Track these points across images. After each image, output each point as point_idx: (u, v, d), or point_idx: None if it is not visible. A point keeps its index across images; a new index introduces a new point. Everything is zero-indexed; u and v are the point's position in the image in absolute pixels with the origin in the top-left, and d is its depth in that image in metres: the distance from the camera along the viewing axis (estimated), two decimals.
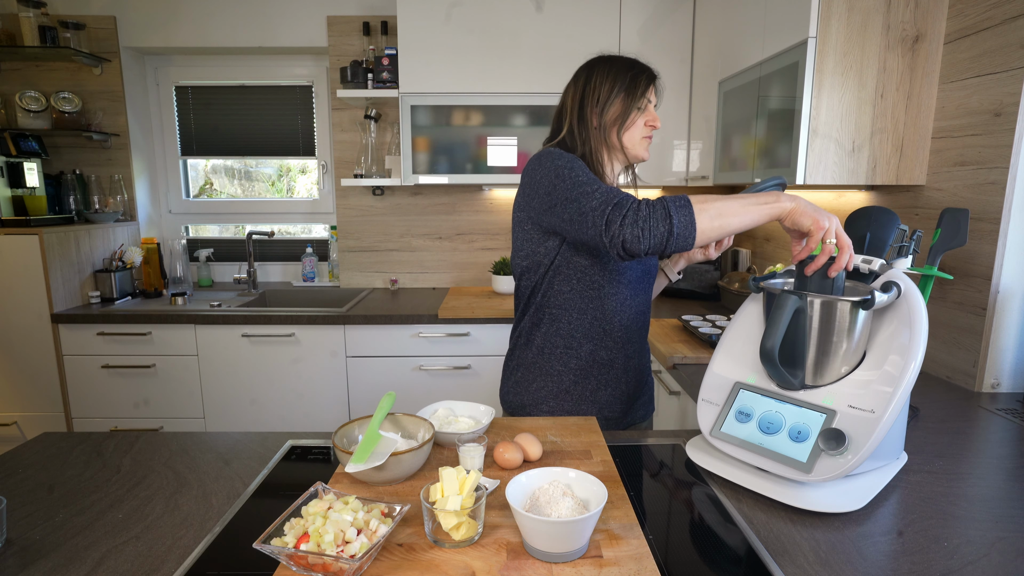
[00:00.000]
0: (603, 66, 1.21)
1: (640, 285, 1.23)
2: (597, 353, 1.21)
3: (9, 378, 2.32)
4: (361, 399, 2.36)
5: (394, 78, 2.46)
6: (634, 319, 1.23)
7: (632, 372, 1.25)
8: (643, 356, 1.30)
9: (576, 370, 1.21)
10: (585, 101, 1.20)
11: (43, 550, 0.73)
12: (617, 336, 1.21)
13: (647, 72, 1.23)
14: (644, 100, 1.20)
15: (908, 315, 0.83)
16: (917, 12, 1.43)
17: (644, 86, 1.21)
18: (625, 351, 1.23)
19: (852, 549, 0.74)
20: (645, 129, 1.22)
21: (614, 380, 1.23)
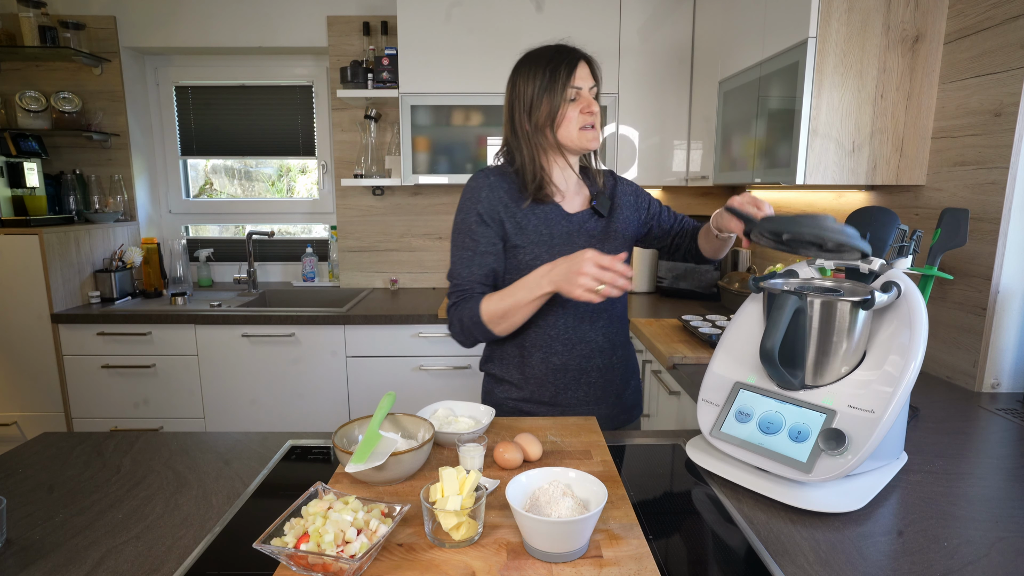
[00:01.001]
0: (525, 66, 1.16)
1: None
2: (549, 359, 1.20)
3: (9, 378, 2.32)
4: (361, 399, 2.36)
5: (394, 78, 2.46)
6: (581, 322, 1.19)
7: (595, 374, 1.22)
8: (607, 357, 1.24)
9: (533, 377, 1.21)
10: (514, 108, 1.16)
11: (43, 550, 0.73)
12: (565, 340, 1.19)
13: (568, 58, 1.13)
14: (570, 90, 1.12)
15: (908, 315, 0.83)
16: (917, 12, 1.43)
17: (565, 75, 1.12)
18: (579, 354, 1.20)
19: (852, 549, 0.74)
20: (581, 118, 1.14)
21: (572, 384, 1.21)
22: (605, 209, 1.22)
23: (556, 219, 1.18)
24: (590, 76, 1.15)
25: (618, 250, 1.22)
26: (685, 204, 2.84)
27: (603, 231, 1.22)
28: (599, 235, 1.21)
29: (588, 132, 1.15)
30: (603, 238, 1.22)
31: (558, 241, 1.17)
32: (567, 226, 1.19)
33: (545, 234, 1.17)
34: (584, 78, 1.14)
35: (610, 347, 1.24)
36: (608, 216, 1.23)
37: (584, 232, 1.20)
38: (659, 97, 2.41)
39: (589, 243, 1.19)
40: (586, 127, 1.15)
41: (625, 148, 2.45)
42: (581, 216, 1.21)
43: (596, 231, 1.21)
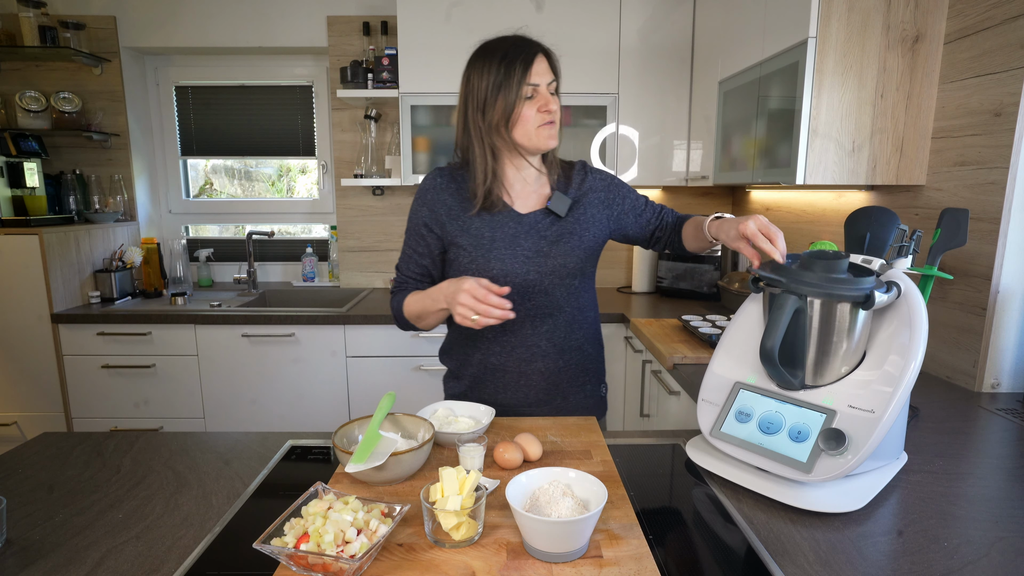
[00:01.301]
0: (479, 60, 1.09)
1: (526, 292, 1.15)
2: (487, 359, 1.20)
3: (9, 378, 2.32)
4: (361, 399, 2.36)
5: (394, 78, 2.46)
6: (522, 326, 1.17)
7: (536, 377, 1.20)
8: (551, 361, 1.20)
9: (472, 375, 1.22)
10: (467, 105, 1.10)
11: (43, 550, 0.73)
12: (504, 342, 1.18)
13: (524, 52, 1.07)
14: (526, 87, 1.06)
15: (908, 315, 0.83)
16: (917, 12, 1.43)
17: (521, 71, 1.06)
18: (519, 357, 1.19)
19: (852, 549, 0.74)
20: (539, 116, 1.09)
21: (512, 385, 1.20)
22: (562, 209, 1.16)
23: (503, 221, 1.15)
24: (549, 71, 1.09)
25: (572, 251, 1.16)
26: (685, 204, 2.84)
27: (557, 232, 1.16)
28: (551, 236, 1.16)
29: (546, 130, 1.10)
30: (555, 239, 1.16)
31: (500, 244, 1.13)
32: (514, 228, 1.15)
33: (487, 237, 1.14)
34: (542, 73, 1.08)
35: (555, 351, 1.20)
36: (567, 216, 1.18)
37: (534, 234, 1.15)
38: (659, 97, 2.41)
39: (538, 245, 1.15)
40: (544, 125, 1.10)
41: (625, 148, 2.45)
42: (533, 217, 1.16)
43: (548, 232, 1.16)
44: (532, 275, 1.14)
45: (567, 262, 1.16)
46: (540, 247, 1.15)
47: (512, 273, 1.13)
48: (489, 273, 1.13)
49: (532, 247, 1.15)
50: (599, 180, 1.24)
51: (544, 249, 1.15)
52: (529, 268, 1.14)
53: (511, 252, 1.13)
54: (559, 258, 1.15)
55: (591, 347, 1.27)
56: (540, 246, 1.15)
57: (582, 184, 1.22)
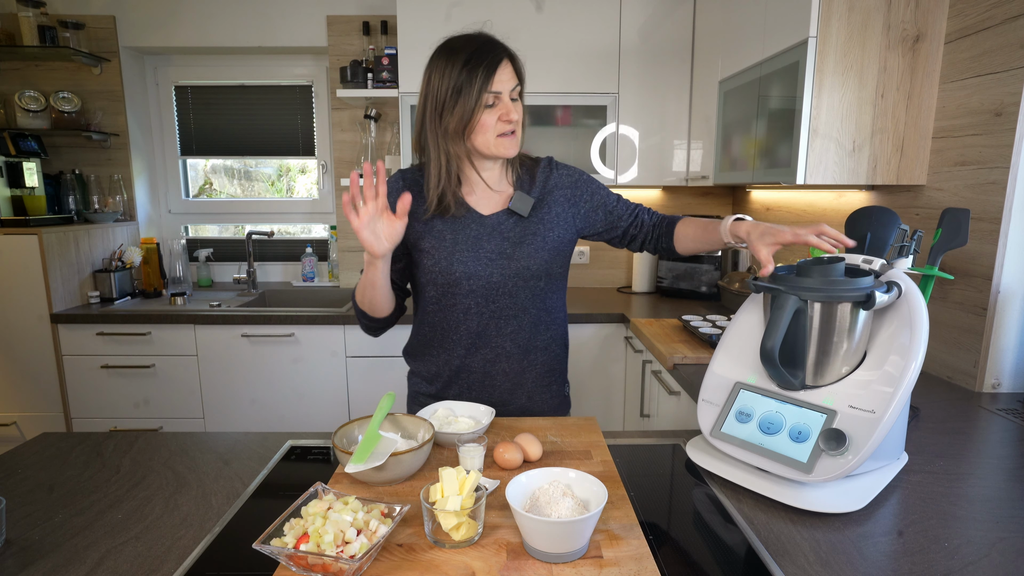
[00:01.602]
0: (441, 59, 1.06)
1: (489, 294, 1.14)
2: (451, 361, 1.20)
3: (9, 378, 2.32)
4: (361, 399, 2.36)
5: (394, 78, 2.46)
6: (487, 327, 1.16)
7: (500, 378, 1.19)
8: (515, 362, 1.19)
9: (437, 376, 1.22)
10: (426, 106, 1.08)
11: (42, 550, 0.73)
12: (468, 344, 1.17)
13: (488, 58, 1.04)
14: (487, 95, 1.03)
15: (909, 315, 0.83)
16: (917, 12, 1.42)
17: (483, 78, 1.03)
18: (483, 358, 1.18)
19: (852, 549, 0.74)
20: (499, 125, 1.06)
21: (476, 385, 1.20)
22: (524, 209, 1.14)
23: (465, 223, 1.14)
24: (512, 76, 1.07)
25: (536, 252, 1.14)
26: (685, 204, 2.84)
27: (520, 233, 1.15)
28: (514, 237, 1.14)
29: (506, 140, 1.08)
30: (518, 240, 1.14)
31: (462, 246, 1.13)
32: (477, 230, 1.14)
33: (449, 239, 1.13)
34: (505, 81, 1.05)
35: (520, 353, 1.19)
36: (530, 215, 1.16)
37: (496, 235, 1.14)
38: (659, 97, 2.41)
39: (501, 247, 1.13)
40: (504, 134, 1.07)
41: (625, 148, 2.45)
42: (496, 218, 1.15)
43: (511, 233, 1.14)
44: (496, 277, 1.13)
45: (531, 264, 1.14)
46: (503, 249, 1.14)
47: (475, 275, 1.13)
48: (452, 276, 1.13)
49: (495, 249, 1.13)
50: (565, 177, 1.21)
51: (507, 251, 1.14)
52: (492, 270, 1.13)
53: (474, 255, 1.12)
54: (522, 260, 1.14)
55: (557, 347, 1.25)
56: (503, 248, 1.14)
57: (547, 182, 1.19)
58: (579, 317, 2.23)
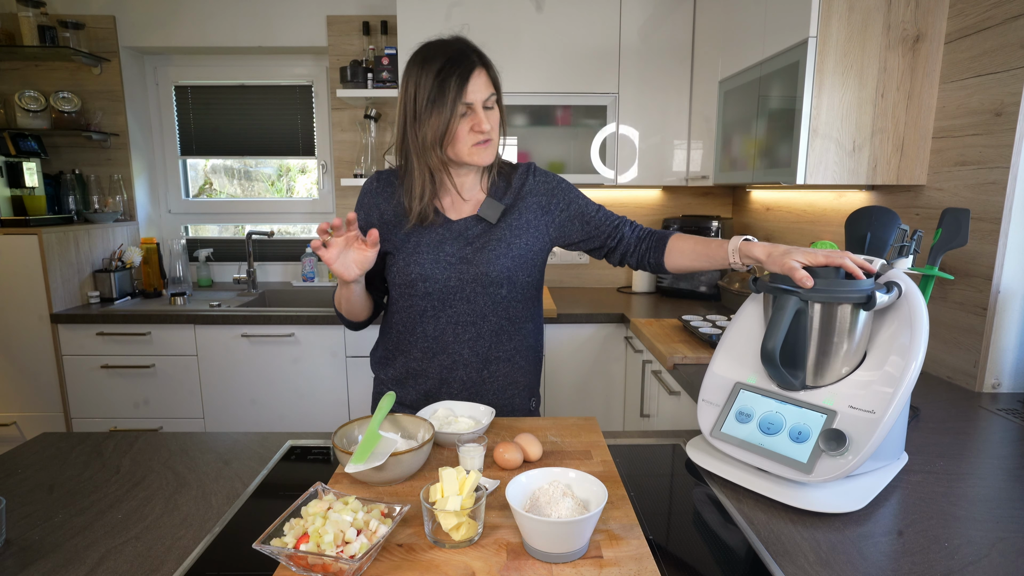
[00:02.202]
0: (415, 67, 1.06)
1: (446, 298, 1.14)
2: (409, 364, 1.19)
3: (8, 378, 2.32)
4: (361, 399, 2.36)
5: (394, 78, 2.46)
6: (444, 333, 1.15)
7: (456, 385, 1.18)
8: (473, 371, 1.18)
9: (396, 379, 1.22)
10: (405, 114, 1.07)
11: (42, 550, 0.73)
12: (425, 348, 1.17)
13: (460, 68, 1.03)
14: (460, 106, 1.03)
15: (909, 315, 0.83)
16: (918, 12, 1.42)
17: (456, 90, 1.02)
18: (440, 364, 1.17)
19: (853, 549, 0.74)
20: (472, 136, 1.06)
21: (434, 391, 1.19)
22: (492, 215, 1.14)
23: (432, 226, 1.14)
24: (487, 85, 1.06)
25: (497, 259, 1.12)
26: (685, 204, 2.84)
27: (484, 239, 1.14)
28: (478, 243, 1.13)
29: (480, 149, 1.08)
30: (481, 246, 1.13)
31: (424, 249, 1.13)
32: (442, 233, 1.14)
33: (412, 241, 1.14)
34: (478, 90, 1.04)
35: (479, 361, 1.17)
36: (500, 222, 1.15)
37: (460, 239, 1.14)
38: (659, 97, 2.41)
39: (462, 251, 1.13)
40: (477, 145, 1.07)
41: (625, 148, 2.44)
42: (463, 223, 1.14)
43: (475, 239, 1.14)
44: (453, 281, 1.13)
45: (490, 269, 1.12)
46: (464, 253, 1.13)
47: (431, 278, 1.12)
48: (408, 277, 1.13)
49: (456, 253, 1.13)
50: (541, 184, 1.19)
51: (468, 256, 1.13)
52: (450, 274, 1.12)
53: (433, 257, 1.12)
54: (481, 265, 1.12)
55: (522, 359, 1.22)
56: (464, 252, 1.13)
57: (521, 188, 1.18)
58: (579, 317, 2.23)
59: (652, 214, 2.84)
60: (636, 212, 2.83)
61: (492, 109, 1.08)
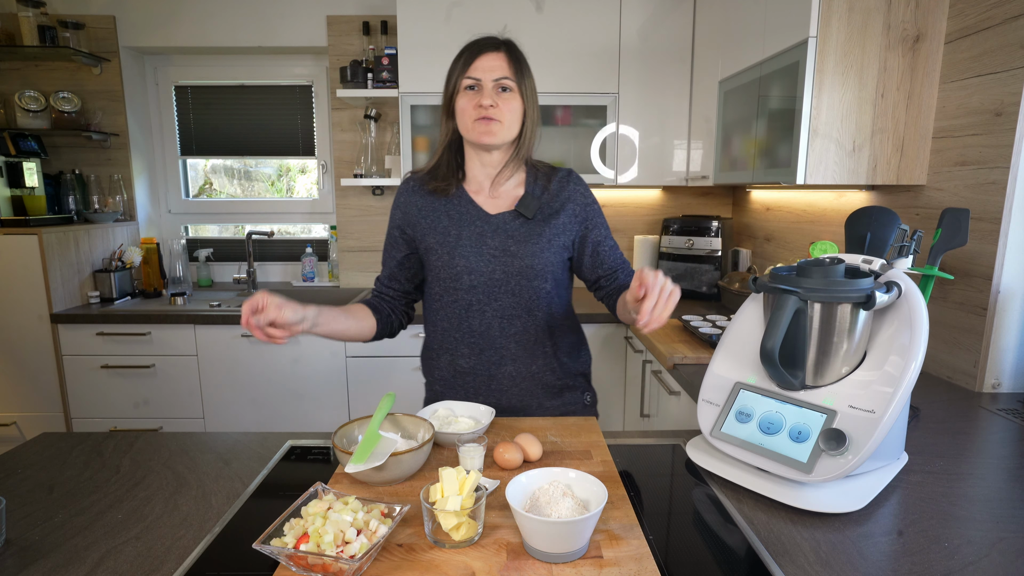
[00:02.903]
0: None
1: (491, 291, 1.14)
2: (456, 362, 1.19)
3: (8, 378, 2.32)
4: (361, 399, 2.36)
5: (394, 78, 2.46)
6: (490, 328, 1.16)
7: (506, 381, 1.18)
8: (522, 364, 1.18)
9: (443, 379, 1.22)
10: (442, 104, 1.16)
11: (42, 550, 0.73)
12: (471, 344, 1.17)
13: (474, 47, 1.09)
14: (465, 80, 1.08)
15: (909, 315, 0.83)
16: (918, 12, 1.42)
17: (464, 64, 1.08)
18: (487, 360, 1.17)
19: (853, 549, 0.74)
20: (475, 110, 1.08)
21: (482, 389, 1.19)
22: (530, 211, 1.14)
23: (471, 219, 1.15)
24: (503, 68, 1.08)
25: (537, 255, 1.13)
26: (685, 204, 2.84)
27: (525, 233, 1.14)
28: (519, 236, 1.14)
29: (480, 125, 1.08)
30: (523, 239, 1.14)
31: (466, 242, 1.14)
32: (481, 227, 1.14)
33: (453, 235, 1.14)
34: (488, 69, 1.07)
35: (526, 355, 1.18)
36: (537, 218, 1.16)
37: (501, 232, 1.14)
38: (659, 97, 2.41)
39: (504, 244, 1.13)
40: (479, 120, 1.08)
41: (625, 148, 2.45)
42: (502, 217, 1.15)
43: (516, 232, 1.14)
44: (498, 273, 1.13)
45: (535, 262, 1.13)
46: (507, 246, 1.14)
47: (476, 270, 1.13)
48: (453, 271, 1.13)
49: (499, 245, 1.14)
50: (580, 195, 1.19)
51: (511, 248, 1.14)
52: (495, 266, 1.13)
53: (476, 250, 1.13)
54: (527, 258, 1.13)
55: (567, 357, 1.23)
56: (507, 245, 1.14)
57: (561, 191, 1.18)
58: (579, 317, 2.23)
59: (652, 214, 2.84)
60: (636, 212, 2.83)
61: (508, 91, 1.10)
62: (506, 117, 1.09)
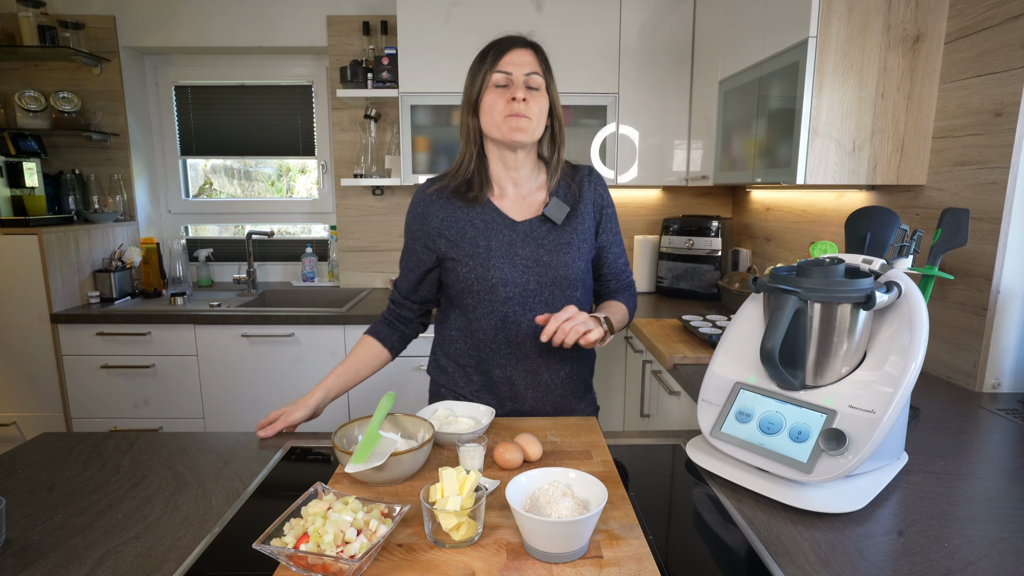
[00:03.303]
0: (474, 60, 1.12)
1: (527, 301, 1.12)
2: (492, 373, 1.18)
3: (8, 378, 2.32)
4: (361, 399, 2.36)
5: (394, 78, 2.46)
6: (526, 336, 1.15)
7: (543, 389, 1.18)
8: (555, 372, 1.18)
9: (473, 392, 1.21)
10: (463, 106, 1.12)
11: (42, 550, 0.73)
12: (508, 353, 1.16)
13: (502, 43, 1.07)
14: (496, 74, 1.06)
15: (909, 315, 0.83)
16: (918, 12, 1.42)
17: (493, 58, 1.06)
18: (523, 368, 1.17)
19: (853, 549, 0.74)
20: (506, 106, 1.05)
21: (519, 397, 1.18)
22: (559, 217, 1.12)
23: (497, 228, 1.12)
24: (533, 63, 1.07)
25: (569, 265, 1.12)
26: (685, 204, 2.84)
27: (555, 241, 1.13)
28: (549, 245, 1.13)
29: (512, 121, 1.05)
30: (554, 248, 1.12)
31: (496, 252, 1.11)
32: (510, 235, 1.12)
33: (482, 246, 1.11)
34: (519, 64, 1.06)
35: (559, 363, 1.19)
36: (563, 224, 1.14)
37: (531, 241, 1.12)
38: (659, 97, 2.41)
39: (536, 253, 1.12)
40: (511, 116, 1.05)
41: (625, 148, 2.45)
42: (529, 224, 1.13)
43: (546, 241, 1.13)
44: (532, 284, 1.12)
45: (568, 272, 1.13)
46: (539, 255, 1.12)
47: (511, 282, 1.11)
48: (488, 283, 1.11)
49: (530, 255, 1.12)
50: (599, 195, 1.19)
51: (544, 258, 1.12)
52: (529, 277, 1.12)
53: (509, 261, 1.11)
54: (560, 268, 1.12)
55: (589, 359, 1.26)
56: (539, 254, 1.12)
57: (581, 191, 1.18)
58: None
59: (652, 214, 2.84)
60: (636, 212, 2.83)
61: (537, 90, 1.08)
62: (535, 114, 1.08)
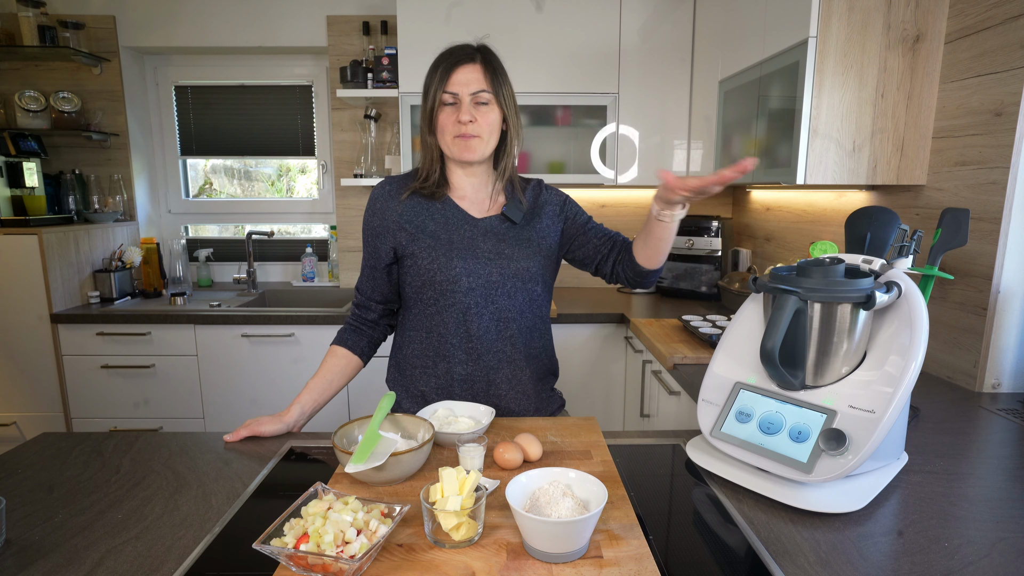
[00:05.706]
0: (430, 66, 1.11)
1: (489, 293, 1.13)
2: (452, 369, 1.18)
3: (8, 378, 2.32)
4: (361, 399, 2.36)
5: (394, 78, 2.46)
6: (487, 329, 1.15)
7: (504, 385, 1.18)
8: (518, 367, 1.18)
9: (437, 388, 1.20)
10: (422, 121, 1.13)
11: (42, 550, 0.73)
12: (469, 348, 1.16)
13: (450, 59, 1.06)
14: (444, 94, 1.06)
15: (909, 315, 0.83)
16: (918, 12, 1.42)
17: (441, 78, 1.06)
18: (484, 364, 1.17)
19: (853, 549, 0.74)
20: (454, 127, 1.07)
21: (481, 395, 1.18)
22: (517, 216, 1.16)
23: (458, 224, 1.15)
24: (479, 80, 1.06)
25: (530, 259, 1.15)
26: None
27: (515, 237, 1.16)
28: (510, 240, 1.16)
29: (460, 142, 1.08)
30: (515, 243, 1.16)
31: (458, 246, 1.13)
32: (471, 231, 1.15)
33: (443, 239, 1.13)
34: (465, 83, 1.05)
35: (522, 358, 1.19)
36: (522, 223, 1.18)
37: (492, 236, 1.15)
38: (659, 97, 2.41)
39: (496, 247, 1.14)
40: (459, 137, 1.07)
41: (625, 148, 2.45)
42: (489, 221, 1.16)
43: (506, 236, 1.16)
44: (495, 276, 1.13)
45: (529, 265, 1.15)
46: (500, 249, 1.15)
47: (474, 272, 1.12)
48: (451, 272, 1.12)
49: (492, 249, 1.14)
50: (553, 196, 1.24)
51: (506, 251, 1.15)
52: (491, 269, 1.13)
53: (471, 253, 1.13)
54: (522, 261, 1.15)
55: (547, 357, 1.26)
56: (500, 248, 1.15)
57: (536, 199, 1.22)
58: (579, 317, 2.23)
59: None
60: (636, 212, 2.83)
61: (486, 105, 1.09)
62: (484, 131, 1.10)
